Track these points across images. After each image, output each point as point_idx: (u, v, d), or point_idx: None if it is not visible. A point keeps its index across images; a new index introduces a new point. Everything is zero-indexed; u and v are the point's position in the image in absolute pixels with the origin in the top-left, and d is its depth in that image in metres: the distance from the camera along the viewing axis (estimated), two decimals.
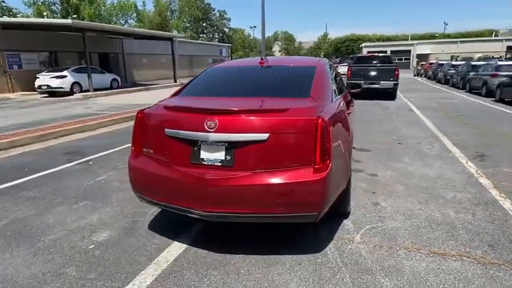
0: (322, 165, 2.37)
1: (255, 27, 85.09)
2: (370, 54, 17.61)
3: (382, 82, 12.94)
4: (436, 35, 59.19)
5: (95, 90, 16.79)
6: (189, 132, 2.47)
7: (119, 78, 20.81)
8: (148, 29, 40.40)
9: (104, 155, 5.82)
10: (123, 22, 50.85)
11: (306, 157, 2.37)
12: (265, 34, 20.57)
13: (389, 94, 13.08)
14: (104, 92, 16.99)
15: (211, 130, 2.39)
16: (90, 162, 5.36)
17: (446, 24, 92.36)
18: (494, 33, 50.71)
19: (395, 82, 12.86)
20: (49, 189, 4.20)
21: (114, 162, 5.28)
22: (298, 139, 2.38)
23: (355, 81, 13.23)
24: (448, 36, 59.17)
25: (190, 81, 3.43)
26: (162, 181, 2.59)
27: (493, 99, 12.79)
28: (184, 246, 2.81)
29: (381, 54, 15.93)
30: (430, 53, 44.53)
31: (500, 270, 2.43)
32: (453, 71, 19.65)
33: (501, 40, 43.63)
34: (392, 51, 41.26)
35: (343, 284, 2.29)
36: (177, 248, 2.78)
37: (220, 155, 2.43)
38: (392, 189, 4.02)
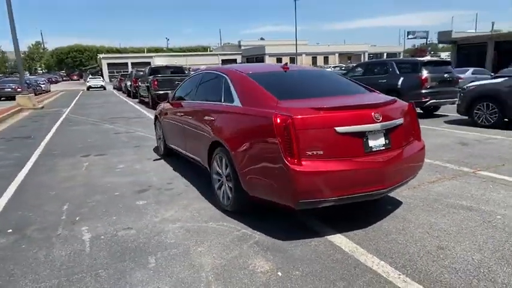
0: (420, 137, 3.46)
1: None
2: (165, 65, 18.10)
3: None
4: (164, 48, 65.92)
5: None
6: (362, 126, 2.84)
7: None
8: None
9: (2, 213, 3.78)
10: None
11: (415, 132, 3.39)
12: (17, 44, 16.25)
13: None
14: None
15: (378, 121, 2.90)
16: (10, 230, 3.44)
17: (168, 39, 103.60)
18: (209, 49, 63.34)
19: None
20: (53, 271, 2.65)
21: (49, 221, 3.67)
22: (409, 120, 3.33)
23: (163, 91, 13.65)
24: (171, 50, 67.19)
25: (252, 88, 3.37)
26: (344, 176, 2.77)
27: None
28: (337, 235, 3.04)
29: (175, 65, 16.85)
30: (166, 65, 49.64)
31: (476, 176, 4.42)
32: None
33: (217, 54, 55.42)
34: (133, 63, 42.44)
35: (449, 210, 3.49)
36: (338, 239, 2.98)
37: (382, 141, 2.98)
38: None
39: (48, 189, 4.68)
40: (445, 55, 55.47)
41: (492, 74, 18.80)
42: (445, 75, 9.60)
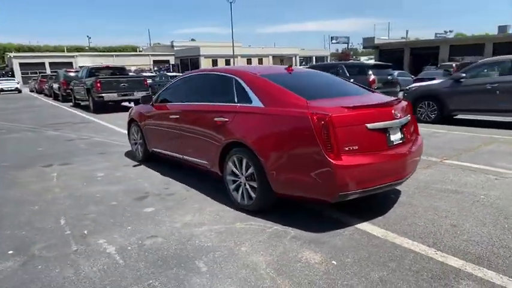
0: (419, 132, 3.90)
1: None
2: (105, 65, 16.72)
3: (135, 93, 13.31)
4: (86, 47, 60.78)
5: None
6: (387, 122, 3.14)
7: None
8: None
9: None
10: None
11: (415, 127, 3.81)
12: None
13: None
14: None
15: (397, 117, 3.24)
16: (10, 252, 3.02)
17: (90, 37, 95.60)
18: (138, 49, 60.08)
19: (148, 92, 13.67)
20: None
21: (53, 237, 3.32)
22: (411, 116, 3.74)
23: (107, 94, 12.83)
24: (95, 49, 62.46)
25: (271, 89, 3.48)
26: (375, 168, 3.03)
27: None
28: (364, 224, 3.30)
29: (116, 66, 15.75)
30: (107, 65, 46.08)
31: (445, 164, 5.06)
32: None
33: (148, 55, 52.91)
34: (51, 63, 38.39)
35: (442, 194, 3.99)
36: (366, 227, 3.24)
37: (399, 135, 3.32)
38: None
39: (27, 204, 4.16)
40: (364, 59, 60.84)
41: (413, 76, 21.32)
42: (388, 77, 10.71)
